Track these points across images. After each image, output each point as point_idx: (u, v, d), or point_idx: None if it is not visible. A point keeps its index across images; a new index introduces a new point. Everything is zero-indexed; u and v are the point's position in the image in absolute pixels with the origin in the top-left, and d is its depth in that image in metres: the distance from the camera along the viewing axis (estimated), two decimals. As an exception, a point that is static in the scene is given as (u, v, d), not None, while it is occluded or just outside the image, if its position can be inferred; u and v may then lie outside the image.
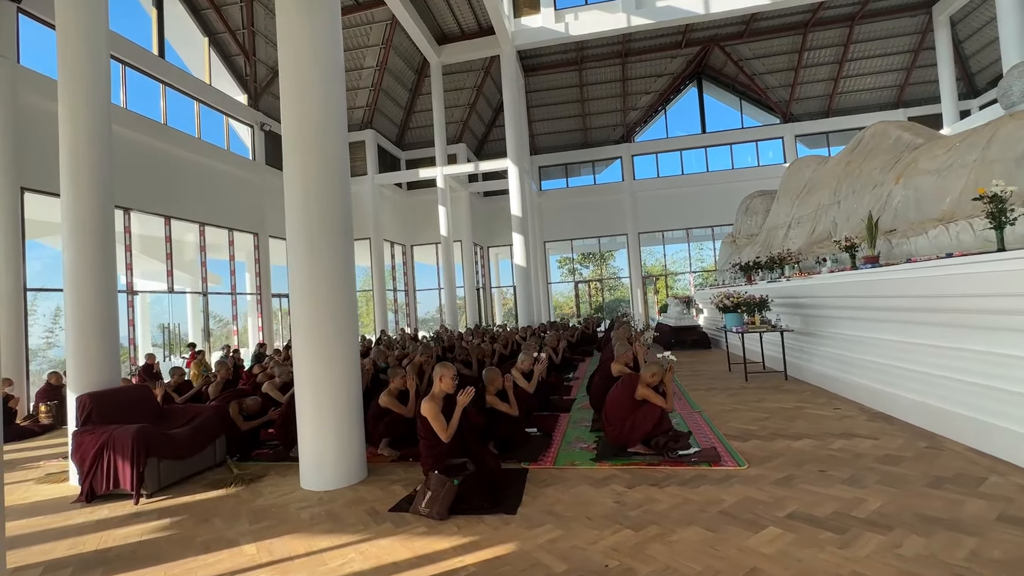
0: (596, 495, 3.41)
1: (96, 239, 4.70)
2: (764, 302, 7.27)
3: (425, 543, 2.88)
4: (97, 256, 4.68)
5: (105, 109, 4.93)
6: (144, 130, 10.79)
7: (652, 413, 4.18)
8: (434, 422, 3.69)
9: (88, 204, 4.70)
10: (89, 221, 4.69)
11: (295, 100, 4.06)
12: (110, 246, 4.83)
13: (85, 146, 4.73)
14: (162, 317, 14.30)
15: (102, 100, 4.89)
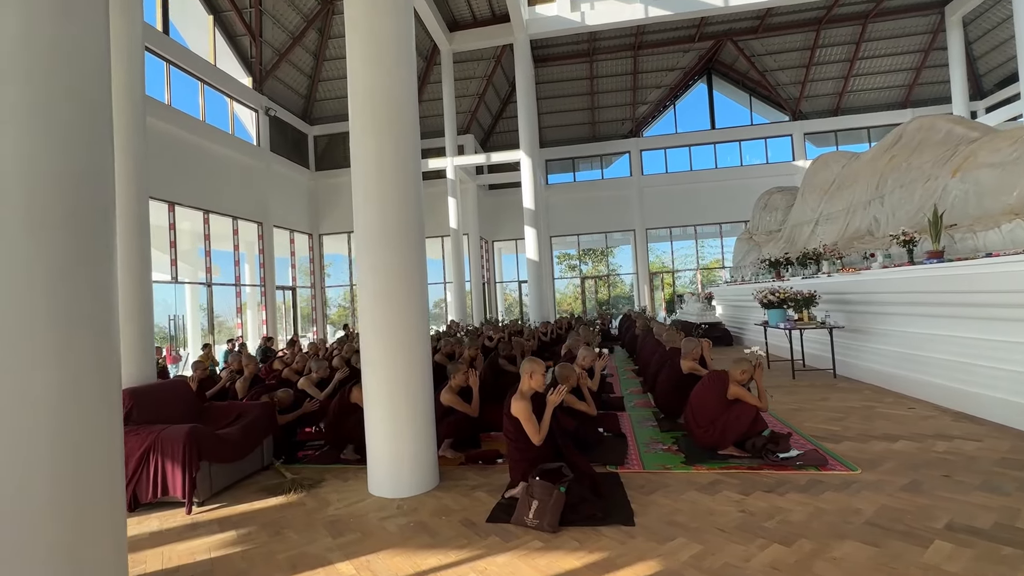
0: (712, 503, 3.13)
1: (131, 228, 4.27)
2: (812, 298, 7.06)
3: (549, 560, 2.55)
4: (132, 246, 4.25)
5: (140, 99, 4.49)
6: (149, 110, 10.20)
7: (746, 413, 3.91)
8: (527, 423, 3.36)
9: (123, 193, 4.26)
10: (123, 211, 4.25)
11: (366, 88, 3.69)
12: (145, 236, 4.40)
13: (121, 135, 4.29)
14: (162, 309, 13.61)
15: (137, 89, 4.45)
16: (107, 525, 1.45)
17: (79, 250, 1.40)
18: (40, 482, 1.34)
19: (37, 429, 1.34)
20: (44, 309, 1.34)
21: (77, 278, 1.40)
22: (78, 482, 1.39)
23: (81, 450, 1.40)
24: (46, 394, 1.34)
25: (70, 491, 1.37)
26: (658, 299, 19.94)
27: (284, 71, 14.83)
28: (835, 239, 9.22)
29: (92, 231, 1.44)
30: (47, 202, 1.35)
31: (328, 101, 16.79)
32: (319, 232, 16.90)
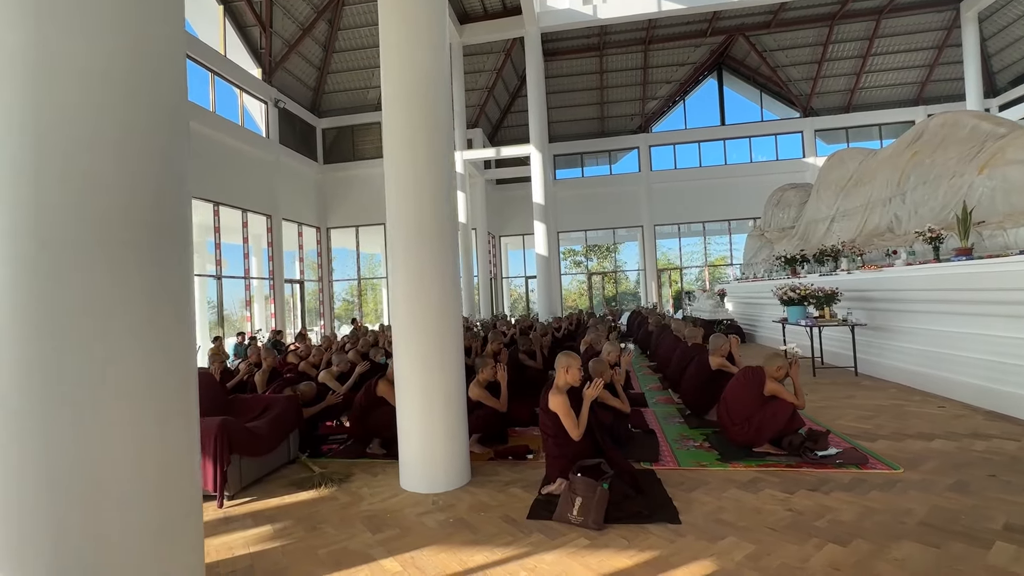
0: (756, 501, 3.07)
1: None
2: (834, 295, 6.99)
3: (600, 559, 2.49)
4: None
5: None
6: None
7: (783, 411, 3.84)
8: (565, 419, 3.30)
9: None
10: None
11: (401, 85, 3.63)
12: None
13: None
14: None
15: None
16: (189, 508, 1.45)
17: (163, 251, 1.38)
18: (128, 467, 1.32)
19: (123, 416, 1.32)
20: (132, 305, 1.33)
21: (160, 276, 1.38)
22: (163, 466, 1.38)
23: (165, 436, 1.37)
24: (133, 384, 1.33)
25: (156, 475, 1.37)
26: (665, 295, 19.86)
27: (293, 63, 14.71)
28: (852, 236, 9.13)
29: (174, 232, 1.42)
30: (142, 203, 1.34)
31: (337, 94, 16.67)
32: (327, 226, 16.81)
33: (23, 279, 1.24)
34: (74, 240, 1.25)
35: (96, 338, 1.27)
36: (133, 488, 1.32)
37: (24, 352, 1.23)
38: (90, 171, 1.28)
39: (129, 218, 1.32)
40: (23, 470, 1.23)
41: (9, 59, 1.22)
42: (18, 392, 1.23)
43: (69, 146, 1.25)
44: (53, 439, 1.24)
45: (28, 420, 1.24)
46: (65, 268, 1.25)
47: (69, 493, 1.25)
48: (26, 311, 1.24)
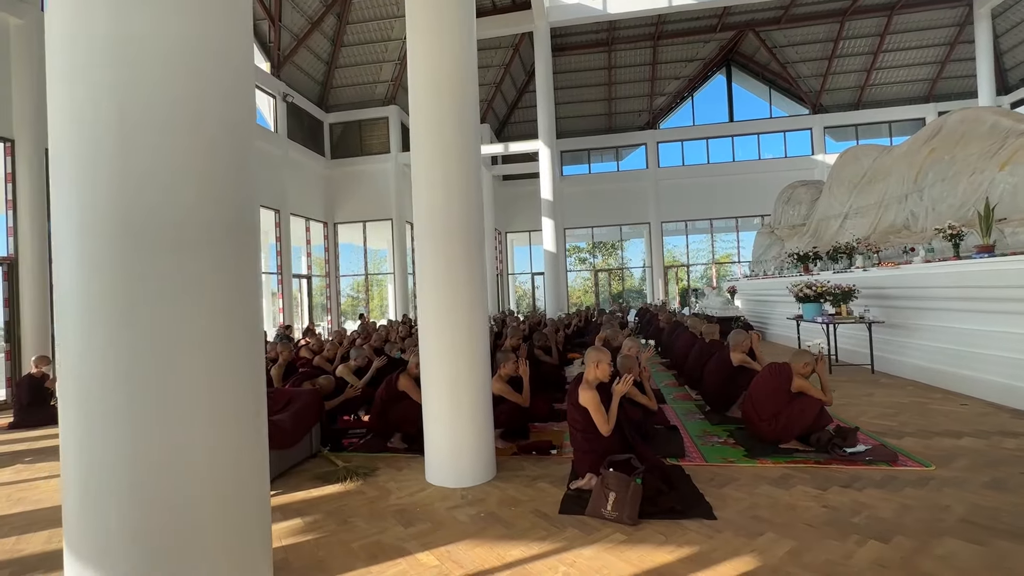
0: (790, 497, 3.04)
1: None
2: (851, 292, 6.95)
3: (639, 554, 2.47)
4: None
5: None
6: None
7: (811, 407, 3.82)
8: (596, 414, 3.28)
9: None
10: None
11: (431, 83, 3.59)
12: None
13: None
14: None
15: None
16: (257, 500, 1.43)
17: (236, 250, 1.38)
18: (205, 459, 1.32)
19: (201, 409, 1.30)
20: (208, 302, 1.34)
21: (234, 282, 1.37)
22: (235, 460, 1.35)
23: (238, 432, 1.34)
24: (208, 379, 1.32)
25: (229, 468, 1.35)
26: (671, 292, 19.81)
27: (301, 57, 14.64)
28: (867, 233, 9.08)
29: (245, 231, 1.40)
30: (220, 201, 1.35)
31: (344, 88, 16.60)
32: (334, 221, 16.77)
33: (108, 276, 1.22)
34: (160, 237, 1.23)
35: (176, 334, 1.26)
36: (209, 478, 1.30)
37: (109, 348, 1.23)
38: (172, 169, 1.25)
39: (208, 217, 1.30)
40: (106, 461, 1.22)
41: (98, 53, 1.19)
42: (101, 386, 1.22)
43: (155, 141, 1.23)
44: (136, 431, 1.23)
45: (109, 412, 1.22)
46: (148, 265, 1.23)
47: (148, 485, 1.23)
48: (112, 307, 1.23)
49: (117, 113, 1.21)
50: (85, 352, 1.24)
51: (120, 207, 1.21)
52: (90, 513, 1.22)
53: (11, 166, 7.40)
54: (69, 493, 1.27)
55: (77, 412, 1.25)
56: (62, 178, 1.24)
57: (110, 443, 1.24)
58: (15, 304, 7.38)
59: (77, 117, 1.23)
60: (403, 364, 6.19)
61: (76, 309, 1.23)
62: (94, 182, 1.21)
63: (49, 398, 6.41)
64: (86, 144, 1.22)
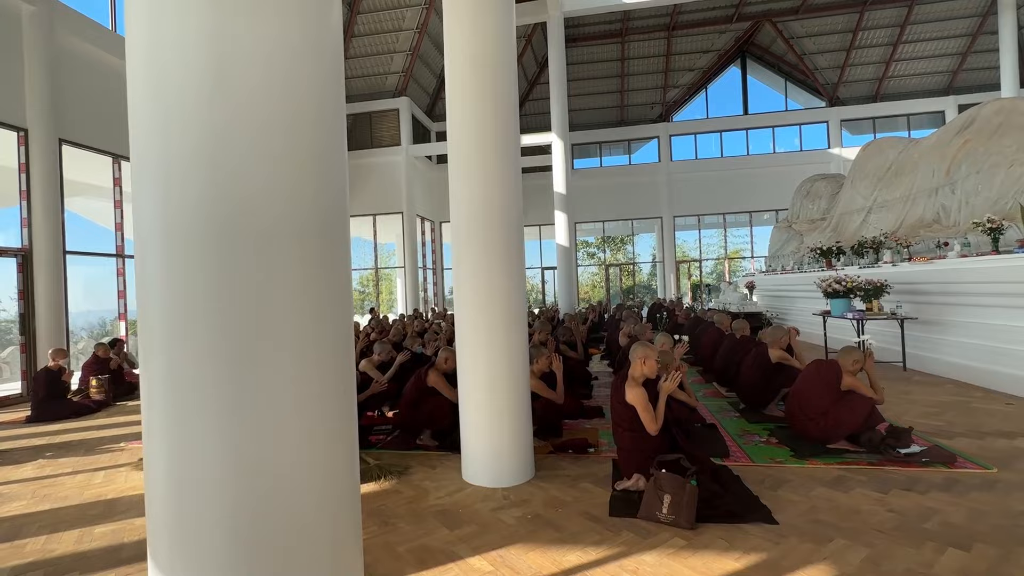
0: (850, 500, 2.91)
1: None
2: (882, 288, 6.77)
3: (705, 561, 2.34)
4: None
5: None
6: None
7: (862, 406, 3.67)
8: (644, 412, 3.15)
9: None
10: None
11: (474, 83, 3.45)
12: None
13: None
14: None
15: None
16: (351, 498, 1.38)
17: (328, 248, 1.30)
18: (298, 459, 1.24)
19: (298, 409, 1.23)
20: (305, 306, 1.26)
21: (326, 279, 1.30)
22: (327, 459, 1.29)
23: (331, 427, 1.26)
24: (303, 378, 1.24)
25: (322, 466, 1.28)
26: (683, 287, 19.62)
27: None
28: (893, 228, 8.88)
29: (337, 229, 1.33)
30: (312, 199, 1.26)
31: (354, 79, 16.41)
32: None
33: (199, 277, 1.15)
34: (254, 233, 1.16)
35: (269, 332, 1.19)
36: (301, 478, 1.21)
37: (203, 350, 1.15)
38: (264, 165, 1.18)
39: (303, 215, 1.24)
40: (196, 461, 1.14)
41: (193, 51, 1.11)
42: (195, 392, 1.14)
43: (250, 138, 1.14)
44: (228, 432, 1.12)
45: (206, 417, 1.15)
46: (237, 263, 1.16)
47: (242, 485, 1.14)
48: (203, 305, 1.15)
49: (208, 114, 1.13)
50: (175, 356, 1.15)
51: (213, 208, 1.15)
52: (187, 520, 1.14)
53: (24, 156, 7.29)
54: (159, 500, 1.17)
55: (168, 419, 1.17)
56: (148, 179, 1.16)
57: (209, 449, 1.15)
58: (29, 296, 7.30)
59: (164, 120, 1.15)
60: (424, 359, 6.09)
61: (162, 312, 1.15)
62: (184, 183, 1.14)
63: (66, 391, 6.34)
64: (175, 146, 1.13)
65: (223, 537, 1.14)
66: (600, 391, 6.13)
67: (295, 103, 1.22)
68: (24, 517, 3.17)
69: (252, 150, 1.17)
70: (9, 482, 3.83)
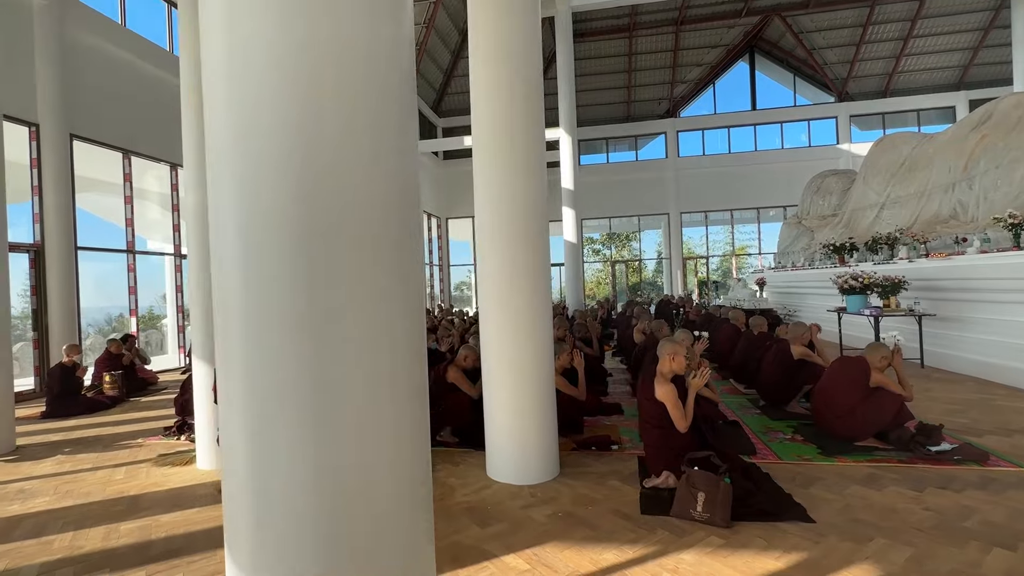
0: (885, 499, 2.86)
1: None
2: (900, 284, 6.70)
3: (745, 560, 2.30)
4: None
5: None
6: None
7: (891, 403, 3.62)
8: (674, 409, 3.11)
9: None
10: None
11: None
12: None
13: None
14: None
15: None
16: (425, 498, 1.36)
17: (404, 249, 1.29)
18: (377, 457, 1.22)
19: (382, 403, 1.23)
20: (383, 308, 1.25)
21: (402, 284, 1.28)
22: (402, 457, 1.26)
23: (406, 425, 1.25)
24: (386, 378, 1.23)
25: (397, 465, 1.25)
26: (689, 284, 19.54)
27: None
28: (907, 224, 8.80)
29: (414, 230, 1.33)
30: (390, 200, 1.25)
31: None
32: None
33: (281, 280, 1.13)
34: (336, 236, 1.14)
35: (350, 333, 1.17)
36: (382, 480, 1.20)
37: (284, 352, 1.14)
38: (350, 165, 1.15)
39: (380, 215, 1.21)
40: (283, 460, 1.14)
41: (283, 53, 1.11)
42: (294, 386, 1.13)
43: (336, 140, 1.14)
44: (308, 435, 1.11)
45: (289, 419, 1.14)
46: (326, 263, 1.14)
47: (324, 488, 1.15)
48: (290, 306, 1.14)
49: (298, 116, 1.12)
50: (257, 357, 1.14)
51: (296, 210, 1.13)
52: (274, 522, 1.13)
53: (36, 151, 7.26)
54: (241, 505, 1.14)
55: (250, 420, 1.15)
56: (228, 183, 1.16)
57: (290, 452, 1.13)
58: (42, 292, 7.29)
59: (244, 122, 1.13)
60: (438, 356, 6.05)
61: (243, 314, 1.15)
62: (263, 188, 1.13)
63: (80, 387, 6.33)
64: (260, 150, 1.13)
65: (305, 540, 1.12)
66: (615, 387, 6.09)
67: (377, 104, 1.20)
68: (48, 513, 3.16)
69: (339, 153, 1.15)
70: (30, 478, 3.81)
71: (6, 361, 4.60)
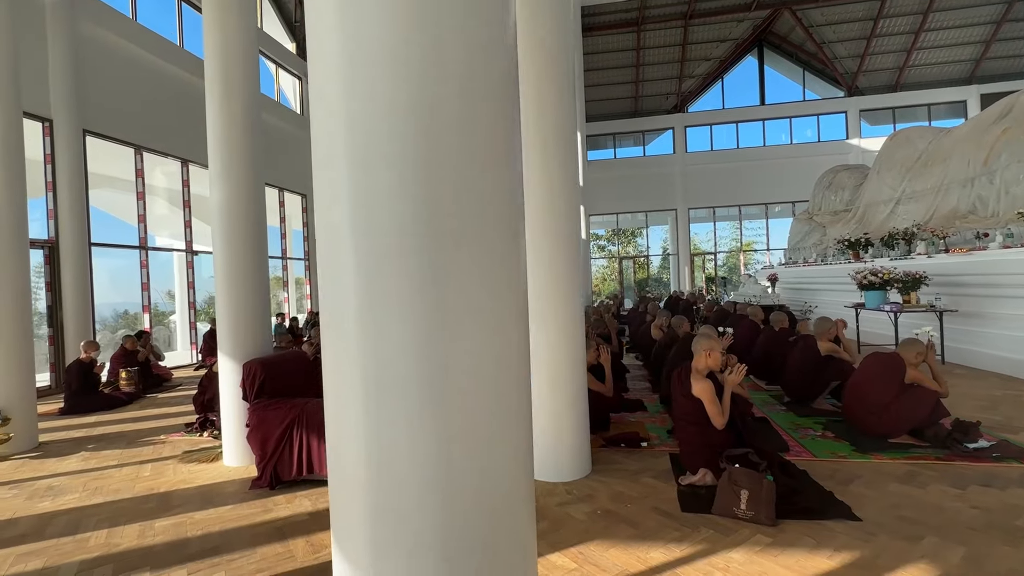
0: (928, 496, 2.82)
1: (249, 208, 4.00)
2: (921, 279, 6.64)
3: (797, 560, 2.27)
4: (250, 224, 3.98)
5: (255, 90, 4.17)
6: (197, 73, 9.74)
7: (927, 399, 3.58)
8: (711, 405, 3.07)
9: (238, 179, 3.97)
10: (241, 192, 3.98)
11: None
12: (262, 214, 4.12)
13: (240, 127, 3.97)
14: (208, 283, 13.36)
15: (252, 83, 4.11)
16: (528, 492, 1.31)
17: (513, 245, 1.26)
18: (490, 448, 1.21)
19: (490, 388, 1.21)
20: (497, 305, 1.24)
21: (514, 280, 1.27)
22: (513, 451, 1.25)
23: (515, 419, 1.26)
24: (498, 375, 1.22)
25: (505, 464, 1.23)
26: (698, 280, 19.48)
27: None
28: (924, 219, 8.74)
29: (520, 238, 1.29)
30: (503, 197, 1.24)
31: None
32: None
33: (395, 276, 1.12)
34: (453, 233, 1.12)
35: (472, 331, 1.16)
36: (495, 474, 1.20)
37: (402, 348, 1.13)
38: (465, 161, 1.14)
39: (491, 211, 1.18)
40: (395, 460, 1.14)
41: (377, 56, 1.10)
42: (398, 388, 1.14)
43: (453, 138, 1.12)
44: (427, 430, 1.10)
45: (397, 412, 1.14)
46: (439, 261, 1.13)
47: (441, 482, 1.15)
48: (412, 303, 1.13)
49: (416, 116, 1.11)
50: (370, 358, 1.14)
51: (413, 208, 1.12)
52: (392, 516, 1.14)
53: (50, 147, 7.23)
54: (359, 499, 1.16)
55: (367, 416, 1.15)
56: (342, 180, 1.15)
57: (410, 448, 1.12)
58: (57, 288, 7.27)
59: (351, 123, 1.13)
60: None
61: (359, 310, 1.15)
62: (389, 186, 1.11)
63: (98, 384, 6.31)
64: (380, 149, 1.12)
65: (426, 535, 1.12)
66: (633, 384, 6.06)
67: (493, 103, 1.19)
68: (80, 511, 3.13)
69: (457, 150, 1.14)
70: (57, 475, 3.79)
71: (28, 359, 4.58)
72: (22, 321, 4.51)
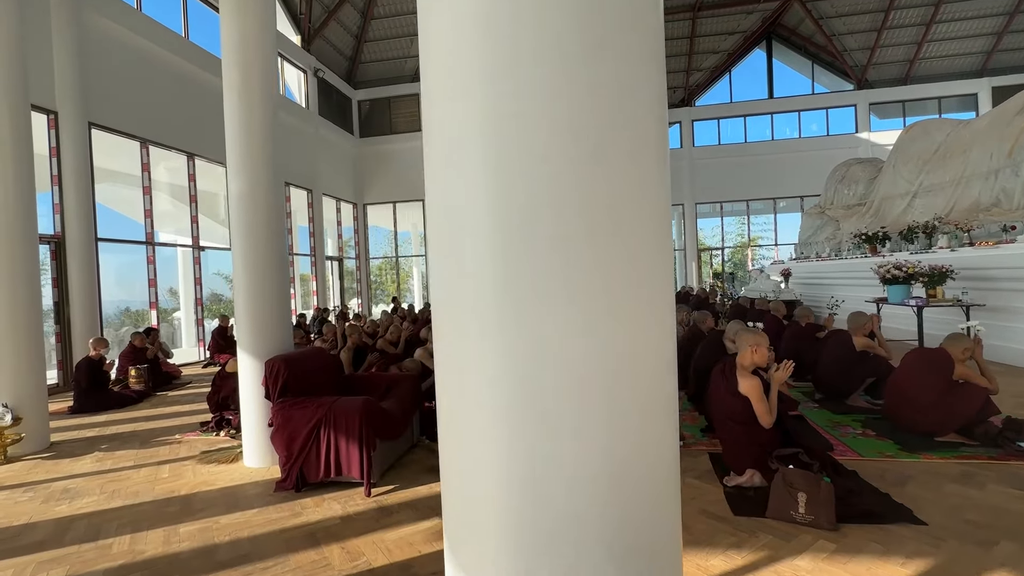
0: (990, 498, 2.70)
1: (269, 203, 3.85)
2: (947, 273, 6.50)
3: (868, 568, 2.14)
4: (272, 220, 3.84)
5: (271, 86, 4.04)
6: (203, 66, 9.58)
7: (976, 396, 3.45)
8: (759, 404, 2.94)
9: (257, 175, 3.83)
10: (260, 188, 3.84)
11: None
12: (280, 210, 3.98)
13: (259, 123, 3.88)
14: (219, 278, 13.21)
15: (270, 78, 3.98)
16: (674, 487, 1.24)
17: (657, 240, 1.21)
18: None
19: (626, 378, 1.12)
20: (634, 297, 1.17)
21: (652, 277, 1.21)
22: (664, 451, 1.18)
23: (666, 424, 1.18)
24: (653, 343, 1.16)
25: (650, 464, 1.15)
26: (705, 275, 19.34)
27: (331, 30, 14.12)
28: (944, 212, 8.58)
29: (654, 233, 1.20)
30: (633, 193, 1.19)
31: (373, 64, 16.07)
32: (363, 201, 16.40)
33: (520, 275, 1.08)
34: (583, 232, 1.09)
35: (630, 325, 1.12)
36: (658, 477, 1.15)
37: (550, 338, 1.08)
38: (599, 158, 1.10)
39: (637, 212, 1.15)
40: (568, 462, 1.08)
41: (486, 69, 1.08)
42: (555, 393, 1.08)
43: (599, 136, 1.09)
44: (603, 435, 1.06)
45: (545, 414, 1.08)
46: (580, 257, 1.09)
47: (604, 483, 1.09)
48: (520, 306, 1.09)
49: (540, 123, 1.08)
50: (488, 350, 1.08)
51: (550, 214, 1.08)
52: (548, 521, 1.07)
53: (55, 140, 7.07)
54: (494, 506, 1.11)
55: (512, 425, 1.08)
56: (480, 181, 1.09)
57: (572, 451, 1.07)
58: (63, 284, 7.13)
59: (475, 123, 1.10)
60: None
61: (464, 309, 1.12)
62: (528, 183, 1.07)
63: (107, 381, 6.18)
64: (516, 144, 1.08)
65: (588, 540, 1.07)
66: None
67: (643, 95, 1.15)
68: (99, 515, 3.01)
69: (608, 148, 1.11)
70: (73, 476, 3.67)
71: (39, 357, 4.45)
72: (33, 318, 4.37)
